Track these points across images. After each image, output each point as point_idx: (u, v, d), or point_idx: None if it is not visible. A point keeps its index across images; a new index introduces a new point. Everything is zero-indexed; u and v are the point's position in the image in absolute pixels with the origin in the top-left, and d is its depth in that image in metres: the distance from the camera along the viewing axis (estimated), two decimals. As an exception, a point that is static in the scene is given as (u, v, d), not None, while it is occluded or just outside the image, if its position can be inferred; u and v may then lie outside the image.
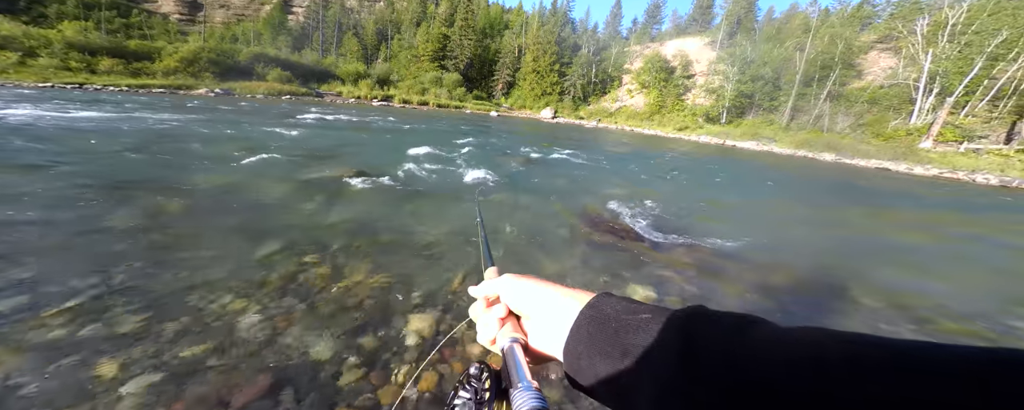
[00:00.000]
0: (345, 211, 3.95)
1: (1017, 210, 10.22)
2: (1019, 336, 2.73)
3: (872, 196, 10.27)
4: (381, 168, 6.16)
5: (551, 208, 5.04)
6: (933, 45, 25.58)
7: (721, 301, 2.87)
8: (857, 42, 31.74)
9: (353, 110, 21.54)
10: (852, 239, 5.25)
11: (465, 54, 47.86)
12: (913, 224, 6.81)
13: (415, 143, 9.73)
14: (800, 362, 0.21)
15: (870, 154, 22.79)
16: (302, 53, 42.00)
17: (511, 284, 0.39)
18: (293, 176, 5.15)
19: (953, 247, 5.47)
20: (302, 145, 7.84)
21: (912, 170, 20.07)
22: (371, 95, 35.31)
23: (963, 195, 12.83)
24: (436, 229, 3.66)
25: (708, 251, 3.86)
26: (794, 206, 7.39)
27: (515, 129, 21.22)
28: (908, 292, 3.33)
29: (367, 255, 2.96)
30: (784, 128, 30.06)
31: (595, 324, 0.31)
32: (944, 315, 2.96)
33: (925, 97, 25.40)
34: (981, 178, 18.43)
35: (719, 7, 51.92)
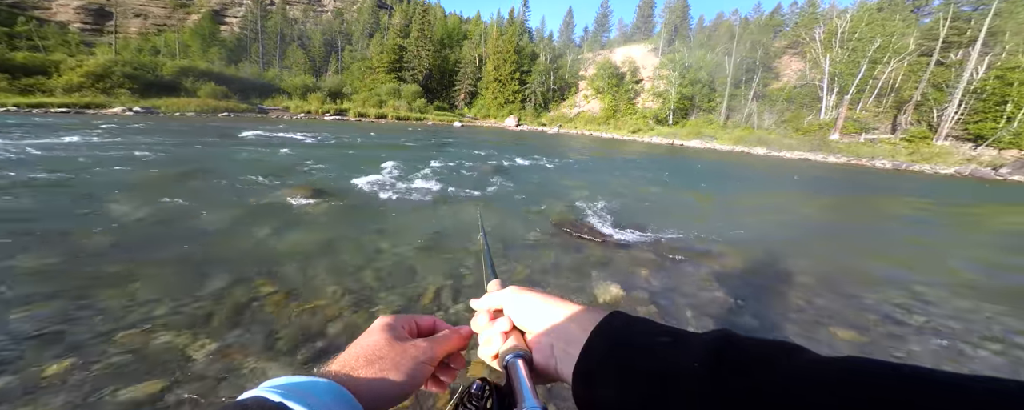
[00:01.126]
0: (301, 234, 3.73)
1: (910, 190, 12.44)
2: (931, 302, 3.30)
3: (800, 184, 11.85)
4: (340, 186, 5.86)
5: (519, 213, 5.11)
6: (829, 50, 30.08)
7: (683, 291, 3.10)
8: (772, 48, 36.36)
9: (303, 126, 20.21)
10: (788, 223, 6.00)
11: (423, 65, 47.24)
12: (835, 207, 8.01)
13: (376, 158, 9.42)
14: (845, 401, 0.19)
15: (793, 146, 26.18)
16: (240, 66, 38.76)
17: (516, 297, 0.37)
18: (239, 200, 4.75)
19: (870, 226, 6.54)
20: (247, 166, 7.22)
21: (827, 159, 23.46)
22: (322, 109, 33.49)
23: (867, 178, 15.33)
24: (403, 246, 3.56)
25: (666, 245, 4.13)
26: (737, 197, 8.25)
27: (481, 138, 21.31)
28: (839, 271, 3.91)
29: (329, 278, 2.82)
30: (722, 126, 33.46)
31: (609, 345, 0.29)
32: (869, 287, 3.49)
33: (829, 95, 29.75)
34: (879, 163, 22.13)
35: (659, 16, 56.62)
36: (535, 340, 0.35)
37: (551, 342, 0.33)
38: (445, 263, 3.23)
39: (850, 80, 28.39)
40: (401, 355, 0.32)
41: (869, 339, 2.47)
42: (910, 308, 2.95)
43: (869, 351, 2.39)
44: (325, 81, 41.53)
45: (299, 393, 0.24)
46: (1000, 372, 2.23)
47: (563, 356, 0.31)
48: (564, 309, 0.34)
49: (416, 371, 0.32)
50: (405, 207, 5.04)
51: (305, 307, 2.43)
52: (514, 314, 0.37)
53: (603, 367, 0.28)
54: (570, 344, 0.31)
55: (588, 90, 46.65)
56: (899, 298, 3.11)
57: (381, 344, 0.33)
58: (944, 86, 25.65)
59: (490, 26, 54.40)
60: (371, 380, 0.29)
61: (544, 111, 47.31)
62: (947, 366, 2.26)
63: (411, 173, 7.49)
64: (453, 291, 2.76)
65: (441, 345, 0.35)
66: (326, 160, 8.56)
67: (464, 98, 50.72)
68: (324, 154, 9.62)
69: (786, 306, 2.88)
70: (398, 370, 0.31)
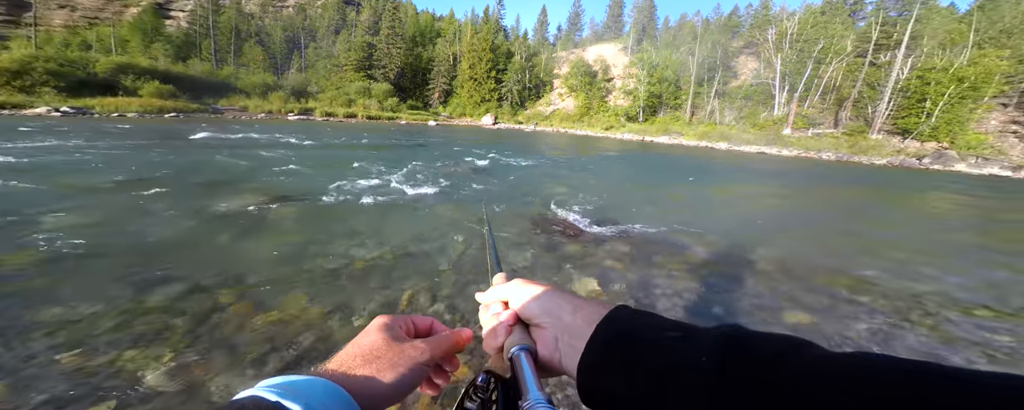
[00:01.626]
0: (266, 240, 3.54)
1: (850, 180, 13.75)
2: (874, 281, 3.66)
3: (758, 175, 12.74)
4: (307, 189, 5.58)
5: (498, 211, 5.11)
6: (780, 50, 32.48)
7: (656, 283, 3.23)
8: (731, 48, 38.67)
9: (264, 127, 18.94)
10: (748, 213, 6.43)
11: (395, 63, 45.85)
12: (789, 197, 8.67)
13: (346, 159, 9.07)
14: (856, 398, 0.19)
15: (751, 141, 28.08)
16: (189, 63, 35.67)
17: (521, 290, 0.37)
18: (191, 208, 4.41)
19: (818, 213, 7.16)
20: (201, 170, 6.70)
21: (781, 152, 25.37)
22: (286, 109, 31.67)
23: (815, 169, 16.71)
24: (377, 249, 3.46)
25: (639, 238, 4.28)
26: (702, 190, 8.72)
27: (457, 137, 21.01)
28: (794, 257, 4.23)
29: (299, 285, 2.70)
30: (688, 123, 35.22)
31: (615, 339, 0.29)
32: (819, 271, 3.82)
33: (781, 93, 32.14)
34: (825, 155, 24.29)
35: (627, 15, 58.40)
36: (540, 333, 0.35)
37: (556, 335, 0.33)
38: (421, 266, 3.18)
39: (798, 79, 30.85)
40: (399, 355, 0.32)
41: (820, 320, 2.68)
42: (855, 289, 3.24)
43: (822, 331, 2.60)
44: (287, 79, 39.23)
45: (296, 392, 0.24)
46: (935, 346, 2.53)
47: (568, 349, 0.32)
48: (569, 302, 0.34)
49: (413, 372, 0.32)
50: (379, 210, 4.88)
51: (273, 316, 2.31)
52: (519, 307, 0.37)
53: (608, 360, 0.28)
54: (575, 337, 0.31)
55: (562, 88, 47.36)
56: (846, 280, 3.42)
57: (379, 344, 0.33)
58: (876, 85, 28.53)
59: (464, 24, 53.68)
60: (368, 379, 0.29)
61: (521, 109, 47.48)
62: (892, 343, 2.53)
63: (385, 174, 7.25)
64: (430, 294, 2.72)
65: (439, 347, 0.35)
66: (291, 162, 8.10)
67: (439, 97, 49.80)
68: (288, 156, 9.09)
69: (749, 293, 3.08)
70: (395, 370, 0.31)
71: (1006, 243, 5.44)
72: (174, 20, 45.32)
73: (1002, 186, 14.81)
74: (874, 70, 29.60)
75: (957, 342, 2.46)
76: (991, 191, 12.57)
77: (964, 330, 2.62)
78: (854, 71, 30.48)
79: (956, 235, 5.73)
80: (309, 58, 45.66)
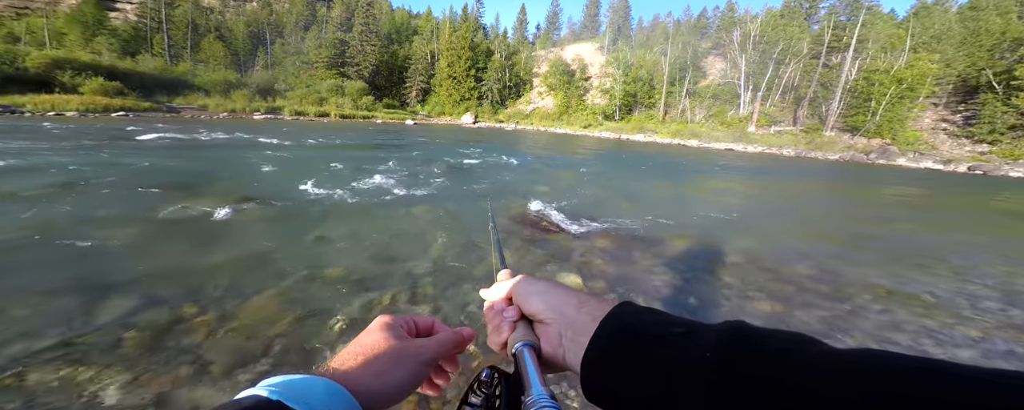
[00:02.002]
0: (231, 247, 3.32)
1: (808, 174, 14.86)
2: (830, 269, 3.93)
3: (727, 171, 13.38)
4: (276, 192, 5.31)
5: (479, 210, 5.08)
6: (744, 52, 34.29)
7: (635, 277, 3.31)
8: (700, 48, 40.40)
9: (227, 126, 17.79)
10: (718, 207, 6.73)
11: (369, 61, 44.40)
12: (754, 191, 9.19)
13: (318, 160, 8.71)
14: (863, 395, 0.18)
15: (720, 138, 29.54)
16: (139, 59, 32.88)
17: (525, 286, 0.38)
18: (147, 213, 4.10)
19: (780, 205, 7.62)
20: (155, 173, 6.21)
21: (747, 149, 26.86)
22: (250, 108, 29.91)
23: (777, 165, 17.88)
24: (354, 252, 3.34)
25: (618, 233, 4.39)
26: (676, 186, 9.09)
27: (437, 136, 20.67)
28: (760, 247, 4.46)
29: (269, 293, 2.56)
30: (661, 121, 36.52)
31: (619, 335, 0.29)
32: (783, 260, 4.06)
33: (746, 92, 34.00)
34: (786, 151, 25.99)
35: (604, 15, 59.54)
36: (544, 329, 0.35)
37: (559, 331, 0.33)
38: (401, 268, 3.10)
39: (761, 79, 32.73)
40: (400, 354, 0.32)
41: (787, 308, 2.85)
42: (816, 277, 3.48)
43: (789, 318, 2.77)
44: (252, 77, 37.02)
45: (297, 391, 0.24)
46: (883, 328, 2.76)
47: (571, 345, 0.32)
48: (573, 298, 0.34)
49: (415, 371, 0.32)
50: (354, 211, 4.71)
51: (241, 326, 2.19)
52: (523, 303, 0.37)
53: (612, 356, 0.28)
54: (579, 333, 0.31)
55: (542, 87, 47.70)
56: (806, 268, 3.68)
57: (380, 343, 0.33)
58: (829, 85, 30.79)
59: (442, 21, 52.75)
60: (369, 378, 0.29)
61: (501, 108, 47.38)
62: (850, 328, 2.70)
63: (360, 175, 6.99)
64: (411, 296, 2.66)
65: (441, 346, 0.35)
66: (257, 164, 7.65)
67: (416, 95, 48.76)
68: (254, 157, 8.58)
69: (722, 283, 3.23)
70: (397, 370, 0.31)
71: (939, 232, 6.07)
72: (120, 12, 41.51)
73: (934, 178, 16.47)
74: (827, 71, 31.93)
75: (903, 323, 2.69)
76: (925, 183, 13.96)
77: (906, 314, 2.90)
78: (810, 72, 32.73)
79: (899, 224, 6.31)
80: (276, 55, 43.31)
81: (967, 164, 22.53)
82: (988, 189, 13.40)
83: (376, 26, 45.90)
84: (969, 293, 3.26)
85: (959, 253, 4.53)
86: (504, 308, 0.38)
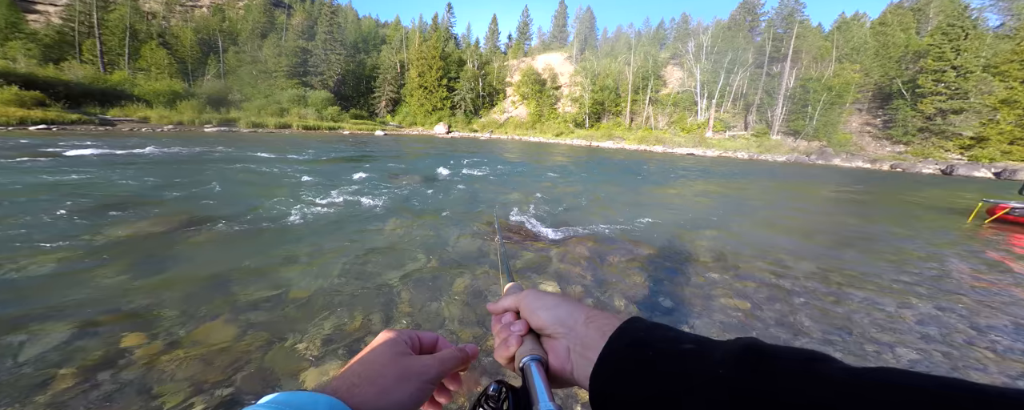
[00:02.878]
0: (179, 271, 3.02)
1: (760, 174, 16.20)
2: (786, 264, 4.17)
3: (689, 175, 14.28)
4: (230, 210, 4.93)
5: (455, 221, 5.00)
6: (699, 61, 37.05)
7: (611, 281, 3.35)
8: (660, 58, 43.10)
9: (174, 140, 16.29)
10: (683, 209, 7.13)
11: (334, 70, 43.07)
12: (714, 193, 9.85)
13: (280, 174, 8.22)
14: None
15: (682, 144, 31.53)
16: (64, 66, 29.70)
17: (532, 300, 0.37)
18: (77, 235, 3.67)
19: (738, 205, 8.15)
20: (87, 192, 5.56)
21: (706, 153, 28.86)
22: (201, 119, 27.83)
23: (733, 167, 19.30)
24: (322, 272, 3.15)
25: (593, 239, 4.48)
26: (644, 190, 9.52)
27: (409, 147, 20.30)
28: (724, 247, 4.73)
29: (225, 317, 2.36)
30: (628, 128, 38.40)
31: (629, 350, 0.29)
32: (745, 258, 4.30)
33: (702, 99, 36.65)
34: (740, 155, 28.21)
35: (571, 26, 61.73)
36: (551, 343, 0.35)
37: (568, 345, 0.33)
38: (374, 285, 2.93)
39: (715, 87, 35.45)
40: (405, 372, 0.32)
41: (753, 304, 3.01)
42: (776, 273, 3.73)
43: (757, 315, 2.90)
44: (202, 87, 34.64)
45: (298, 409, 0.24)
46: (838, 320, 2.93)
47: (580, 360, 0.31)
48: (582, 313, 0.34)
49: (419, 389, 0.32)
50: (322, 229, 4.45)
51: (195, 354, 2.00)
52: (531, 317, 0.36)
53: (621, 371, 0.28)
54: (587, 348, 0.31)
55: (515, 96, 48.49)
56: (766, 265, 3.95)
57: (384, 360, 0.32)
58: (772, 92, 33.96)
59: (411, 31, 52.37)
60: (372, 397, 0.29)
61: (475, 117, 47.55)
62: (806, 317, 2.87)
63: (327, 190, 6.64)
64: (385, 314, 2.54)
65: (445, 363, 0.35)
66: (208, 179, 7.04)
67: (386, 105, 47.82)
68: (205, 173, 7.93)
69: (691, 283, 3.38)
70: (401, 388, 0.31)
71: (873, 224, 6.85)
72: (41, 15, 37.45)
73: (864, 176, 18.56)
74: (770, 79, 35.22)
75: (857, 312, 2.94)
76: (857, 181, 15.76)
77: (855, 305, 3.16)
78: (756, 80, 35.94)
79: (839, 218, 7.07)
80: (229, 63, 40.78)
81: (889, 162, 25.72)
82: (906, 185, 15.39)
83: (341, 34, 44.72)
84: (903, 272, 3.66)
85: (889, 243, 5.17)
86: (512, 322, 0.38)
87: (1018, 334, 2.70)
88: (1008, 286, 3.77)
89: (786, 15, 36.92)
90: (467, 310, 2.64)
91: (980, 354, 2.42)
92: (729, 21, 42.29)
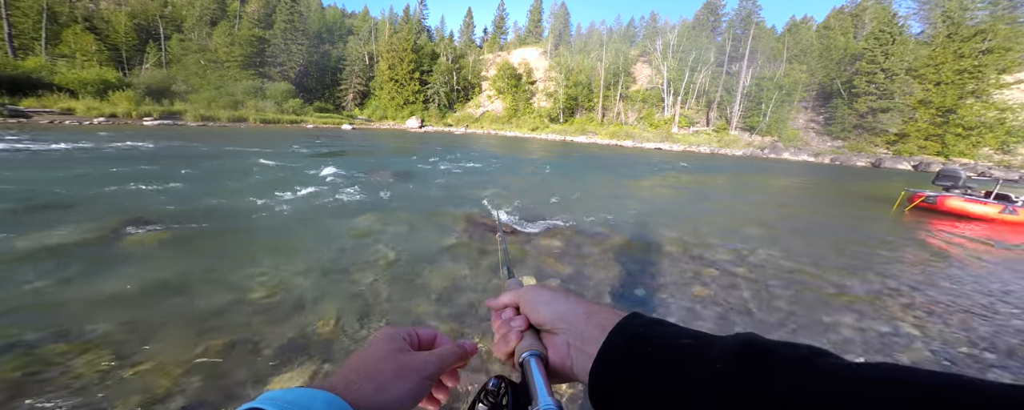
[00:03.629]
0: (124, 277, 2.73)
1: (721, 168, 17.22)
2: (745, 251, 4.46)
3: (657, 168, 14.93)
4: (178, 210, 4.51)
5: (431, 217, 4.90)
6: (666, 59, 38.60)
7: (587, 273, 3.44)
8: (630, 55, 44.37)
9: (107, 135, 14.53)
10: (652, 201, 7.46)
11: (295, 61, 40.32)
12: (680, 185, 10.41)
13: (235, 170, 7.62)
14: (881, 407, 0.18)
15: (650, 139, 32.88)
16: (-42, 49, 25.46)
17: (532, 295, 0.38)
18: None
19: (702, 196, 8.67)
20: None
21: (672, 148, 30.30)
22: (139, 112, 25.03)
23: (697, 161, 20.48)
24: (286, 272, 3.00)
25: (568, 232, 4.58)
26: (616, 184, 9.83)
27: (379, 141, 19.58)
28: (688, 237, 4.98)
29: (177, 323, 2.20)
30: (600, 123, 39.39)
31: (628, 346, 0.29)
32: (707, 247, 4.56)
33: (668, 96, 38.31)
34: (703, 149, 29.90)
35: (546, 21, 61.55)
36: (551, 339, 0.35)
37: (567, 341, 0.33)
38: (345, 284, 2.84)
39: (680, 84, 37.15)
40: (403, 368, 0.32)
41: (713, 291, 3.21)
42: (734, 261, 4.03)
43: (718, 298, 3.10)
44: (140, 76, 31.16)
45: (298, 406, 0.24)
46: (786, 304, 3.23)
47: (579, 355, 0.32)
48: (581, 308, 0.34)
49: (417, 385, 0.32)
50: (286, 227, 4.20)
51: (144, 367, 1.85)
52: (531, 313, 0.37)
53: (621, 367, 0.28)
54: (586, 343, 0.31)
55: (491, 90, 47.95)
56: (724, 254, 4.24)
57: (382, 357, 0.33)
58: (731, 90, 36.20)
59: (381, 22, 50.01)
60: (371, 393, 0.29)
61: (449, 111, 46.57)
62: (764, 300, 3.11)
63: (291, 186, 6.25)
64: (360, 313, 2.46)
65: (443, 359, 0.35)
66: (151, 178, 6.37)
67: (354, 98, 45.59)
68: (147, 170, 7.16)
69: (661, 272, 3.56)
70: (399, 384, 0.31)
71: (816, 213, 7.55)
72: (-74, -11, 31.51)
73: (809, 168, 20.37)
74: (729, 77, 37.48)
75: (803, 293, 3.25)
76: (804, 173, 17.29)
77: (801, 288, 3.50)
78: (716, 78, 38.09)
79: (790, 209, 7.74)
80: (173, 52, 36.88)
81: (830, 156, 28.43)
82: (843, 176, 17.13)
83: (302, 24, 41.79)
84: (841, 255, 4.13)
85: (829, 229, 5.78)
86: (512, 317, 0.38)
87: (938, 298, 3.16)
88: (927, 260, 4.38)
89: (744, 16, 39.29)
90: (444, 307, 2.62)
91: (909, 321, 2.79)
92: (694, 21, 44.25)
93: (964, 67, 28.57)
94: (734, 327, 2.62)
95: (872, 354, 2.37)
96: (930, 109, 29.35)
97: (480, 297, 2.86)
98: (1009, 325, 2.87)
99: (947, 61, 29.28)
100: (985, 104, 27.80)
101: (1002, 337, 2.67)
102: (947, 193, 7.78)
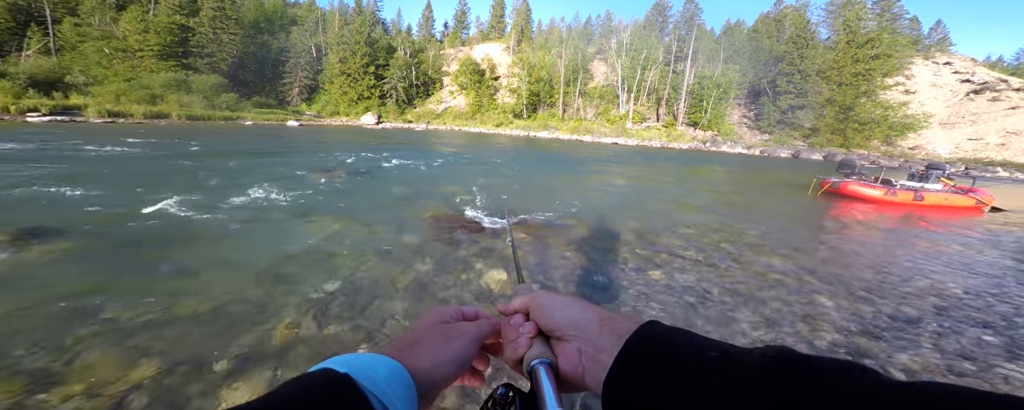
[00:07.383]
0: (29, 295, 2.35)
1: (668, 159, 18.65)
2: (692, 236, 4.93)
3: (613, 162, 15.74)
4: (88, 218, 3.94)
5: (395, 216, 4.73)
6: (620, 57, 40.56)
7: (552, 264, 3.54)
8: (587, 53, 45.89)
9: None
10: (609, 193, 7.84)
11: (227, 51, 35.96)
12: (634, 177, 11.07)
13: (155, 173, 6.72)
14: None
15: (607, 134, 34.51)
16: None
17: (543, 301, 0.37)
18: None
19: (651, 188, 9.28)
20: None
21: (627, 142, 32.10)
22: (20, 106, 20.94)
23: (649, 155, 21.91)
24: (231, 281, 2.77)
25: (532, 225, 4.72)
26: (576, 176, 10.22)
27: (330, 139, 18.30)
28: (643, 225, 5.33)
29: (105, 342, 1.97)
30: (561, 119, 40.46)
31: (646, 357, 0.27)
32: (659, 233, 4.92)
33: (623, 93, 40.39)
34: (654, 143, 32.07)
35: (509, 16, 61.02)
36: (562, 346, 0.34)
37: (579, 349, 0.32)
38: (300, 290, 2.70)
39: (633, 81, 39.33)
40: (449, 334, 0.34)
41: (666, 275, 3.50)
42: (684, 245, 4.45)
43: (670, 282, 3.39)
44: (20, 65, 25.92)
45: (363, 368, 0.26)
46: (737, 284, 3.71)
47: (592, 364, 0.30)
48: (594, 314, 0.33)
49: (464, 349, 0.34)
50: (224, 233, 3.83)
51: (74, 386, 1.64)
52: (541, 319, 0.36)
53: (642, 378, 0.27)
54: (600, 351, 0.30)
55: (454, 86, 46.78)
56: (675, 239, 4.66)
57: (428, 328, 0.35)
58: (677, 87, 39.13)
59: (329, 13, 46.16)
60: (419, 359, 0.31)
61: (409, 107, 44.72)
62: (714, 281, 3.47)
63: (228, 190, 5.64)
64: (318, 319, 2.38)
65: (480, 328, 0.37)
66: (46, 181, 5.38)
67: (300, 93, 41.92)
68: (38, 173, 5.96)
69: (619, 258, 3.82)
70: (445, 348, 0.33)
71: (749, 199, 8.53)
72: None
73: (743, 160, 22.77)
74: (675, 76, 40.46)
75: (745, 271, 3.71)
76: (738, 164, 19.32)
77: (744, 269, 3.97)
78: (664, 77, 40.90)
79: (727, 197, 8.63)
80: (66, 37, 31.00)
81: (759, 149, 32.11)
82: (769, 167, 19.50)
83: (235, 12, 37.28)
84: (767, 237, 4.75)
85: (758, 212, 6.60)
86: (521, 323, 0.37)
87: (844, 270, 3.80)
88: (835, 233, 5.22)
89: (688, 18, 42.47)
90: (414, 306, 2.61)
91: (819, 291, 3.31)
92: (644, 21, 46.84)
93: (859, 70, 33.78)
94: (694, 310, 2.89)
95: (797, 322, 2.79)
96: (835, 107, 34.32)
97: (450, 295, 2.87)
98: (894, 285, 3.58)
99: (846, 65, 34.38)
100: (874, 103, 33.21)
101: (887, 289, 3.34)
102: (847, 179, 9.31)
